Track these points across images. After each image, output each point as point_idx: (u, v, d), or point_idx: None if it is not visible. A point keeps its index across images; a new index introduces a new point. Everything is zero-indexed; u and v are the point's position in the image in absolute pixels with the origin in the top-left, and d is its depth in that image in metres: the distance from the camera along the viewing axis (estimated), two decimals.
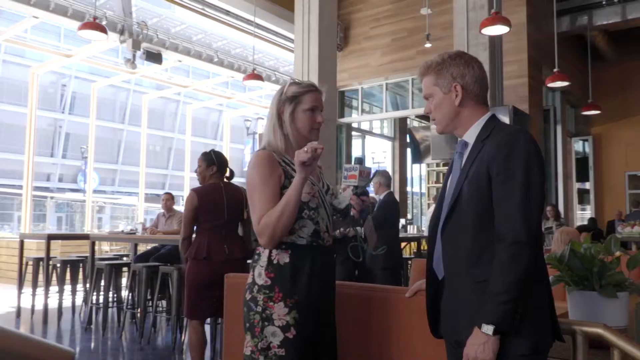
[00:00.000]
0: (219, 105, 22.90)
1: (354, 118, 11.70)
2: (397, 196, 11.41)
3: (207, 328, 5.26)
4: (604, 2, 9.88)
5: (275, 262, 1.84)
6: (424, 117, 12.13)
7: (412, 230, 9.23)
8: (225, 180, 3.91)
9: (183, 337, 4.92)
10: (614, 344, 1.56)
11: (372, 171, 1.95)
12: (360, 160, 1.97)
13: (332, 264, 1.99)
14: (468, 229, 1.55)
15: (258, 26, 10.24)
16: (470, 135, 1.64)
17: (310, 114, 1.94)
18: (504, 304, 1.41)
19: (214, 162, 3.84)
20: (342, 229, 4.32)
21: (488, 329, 1.42)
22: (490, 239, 1.50)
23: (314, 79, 7.82)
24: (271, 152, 1.90)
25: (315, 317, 1.85)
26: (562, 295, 2.05)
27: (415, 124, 13.83)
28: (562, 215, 9.54)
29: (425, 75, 1.70)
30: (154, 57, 9.87)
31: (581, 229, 8.60)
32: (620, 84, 11.99)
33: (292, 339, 1.78)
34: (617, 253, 1.97)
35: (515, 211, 1.45)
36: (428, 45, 9.21)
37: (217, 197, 3.77)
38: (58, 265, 6.36)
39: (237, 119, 21.73)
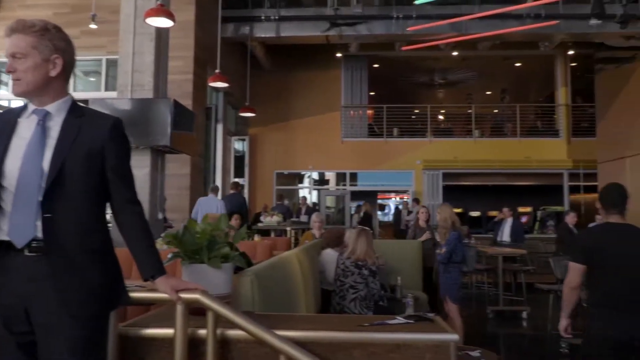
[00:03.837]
0: None
1: (2, 94, 10.25)
2: None
3: None
4: (262, 17, 11.04)
5: None
6: None
7: None
8: None
9: None
10: (208, 307, 1.77)
11: None
12: None
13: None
14: (81, 202, 1.65)
15: None
16: (56, 108, 1.72)
17: None
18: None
19: None
20: None
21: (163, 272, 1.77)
22: (101, 210, 1.74)
23: None
24: None
25: None
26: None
27: None
28: None
29: (22, 33, 1.68)
30: None
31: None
32: (274, 92, 13.57)
33: None
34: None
35: (133, 185, 1.80)
36: (93, 26, 8.73)
37: None
38: None
39: None
